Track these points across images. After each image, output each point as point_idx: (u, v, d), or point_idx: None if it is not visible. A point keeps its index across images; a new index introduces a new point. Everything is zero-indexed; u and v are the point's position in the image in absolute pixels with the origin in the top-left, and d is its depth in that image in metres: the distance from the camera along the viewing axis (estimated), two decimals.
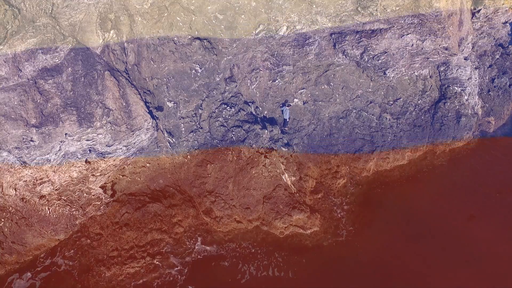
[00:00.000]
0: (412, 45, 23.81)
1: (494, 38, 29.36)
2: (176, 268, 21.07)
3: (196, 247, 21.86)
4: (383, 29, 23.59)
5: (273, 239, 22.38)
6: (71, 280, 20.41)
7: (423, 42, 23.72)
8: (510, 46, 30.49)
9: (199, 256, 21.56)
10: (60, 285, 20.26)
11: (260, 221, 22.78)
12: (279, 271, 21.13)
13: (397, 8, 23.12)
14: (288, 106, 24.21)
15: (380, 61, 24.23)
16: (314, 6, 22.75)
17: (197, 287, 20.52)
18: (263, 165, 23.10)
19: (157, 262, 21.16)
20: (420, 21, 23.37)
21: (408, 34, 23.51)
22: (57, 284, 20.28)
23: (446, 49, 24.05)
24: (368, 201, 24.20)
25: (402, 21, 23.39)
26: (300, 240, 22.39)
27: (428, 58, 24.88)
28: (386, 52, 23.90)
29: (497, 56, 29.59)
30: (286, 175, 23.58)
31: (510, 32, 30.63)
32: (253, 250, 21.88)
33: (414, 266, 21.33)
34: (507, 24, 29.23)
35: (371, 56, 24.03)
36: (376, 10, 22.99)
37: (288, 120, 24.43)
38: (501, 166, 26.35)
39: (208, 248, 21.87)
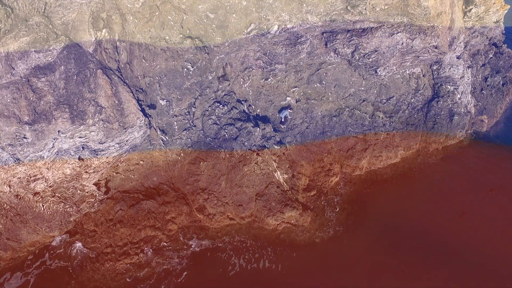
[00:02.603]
0: (402, 43, 23.89)
1: (487, 37, 29.35)
2: (169, 263, 21.21)
3: (189, 244, 21.99)
4: (373, 27, 23.70)
5: (265, 236, 22.49)
6: (65, 276, 20.58)
7: (412, 41, 23.80)
8: (504, 45, 30.54)
9: (192, 252, 21.68)
10: (54, 282, 20.41)
11: (253, 218, 22.87)
12: (270, 264, 21.30)
13: (386, 7, 23.22)
14: (290, 109, 24.32)
15: (370, 60, 24.33)
16: (304, 5, 22.88)
17: (191, 281, 20.70)
18: (255, 163, 23.20)
19: (150, 258, 21.33)
20: (410, 20, 23.47)
21: (398, 32, 23.60)
22: (51, 280, 20.45)
23: (436, 47, 24.13)
24: (360, 198, 24.27)
25: (392, 20, 23.49)
26: (292, 237, 22.47)
27: (418, 57, 24.95)
28: (376, 51, 24.00)
29: (491, 55, 29.58)
30: (279, 172, 23.66)
31: (504, 31, 30.68)
32: (245, 246, 22.02)
33: (405, 264, 21.37)
34: (499, 23, 29.24)
35: (362, 54, 24.14)
36: (365, 9, 23.09)
37: (286, 119, 24.53)
38: (494, 164, 26.38)
39: (201, 244, 22.00)
